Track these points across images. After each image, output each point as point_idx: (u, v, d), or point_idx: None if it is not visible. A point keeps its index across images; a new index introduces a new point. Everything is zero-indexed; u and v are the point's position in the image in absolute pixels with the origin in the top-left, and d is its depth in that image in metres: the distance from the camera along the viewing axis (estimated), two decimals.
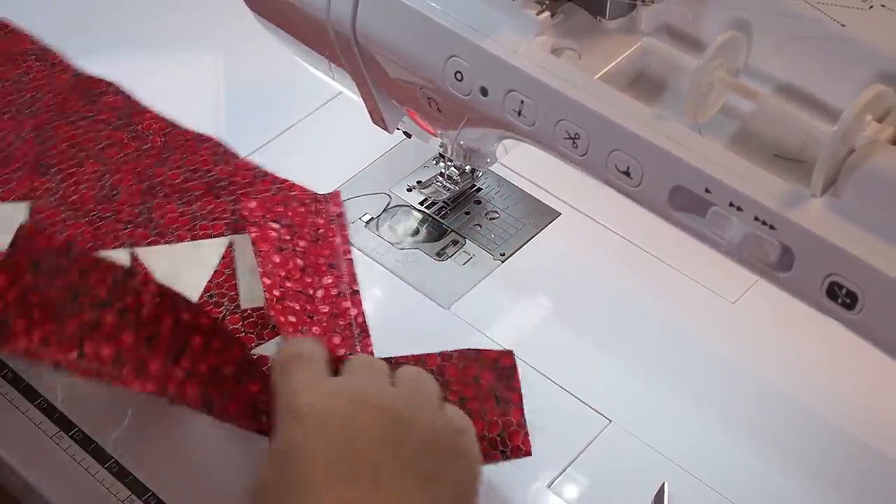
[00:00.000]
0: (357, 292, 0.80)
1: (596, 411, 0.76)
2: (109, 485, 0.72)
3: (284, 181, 0.86)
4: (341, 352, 0.75)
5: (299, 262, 0.80)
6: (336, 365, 0.68)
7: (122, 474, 0.72)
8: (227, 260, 0.81)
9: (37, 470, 0.73)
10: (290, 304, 0.77)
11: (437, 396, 0.67)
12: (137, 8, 1.03)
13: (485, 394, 0.71)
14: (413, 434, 0.63)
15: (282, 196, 0.84)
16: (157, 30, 1.01)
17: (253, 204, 0.82)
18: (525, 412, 0.71)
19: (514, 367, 0.72)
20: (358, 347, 0.77)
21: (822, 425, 0.75)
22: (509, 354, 0.72)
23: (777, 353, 0.79)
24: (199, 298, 0.79)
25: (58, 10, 1.02)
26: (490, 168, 0.87)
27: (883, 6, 0.63)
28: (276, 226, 0.81)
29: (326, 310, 0.78)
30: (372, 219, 0.87)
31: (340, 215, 0.85)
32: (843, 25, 0.63)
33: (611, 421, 0.76)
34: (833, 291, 0.60)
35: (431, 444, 0.63)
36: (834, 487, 0.73)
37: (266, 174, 0.86)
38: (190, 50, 0.99)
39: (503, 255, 0.85)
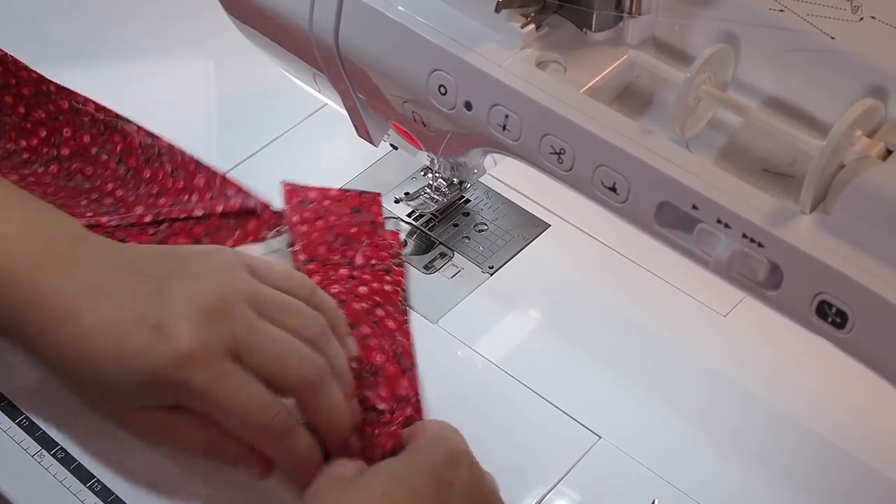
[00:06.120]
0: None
1: (585, 427, 0.75)
2: None
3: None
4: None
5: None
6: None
7: (104, 493, 0.72)
8: None
9: (18, 489, 0.72)
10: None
11: None
12: (123, 19, 1.02)
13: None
14: None
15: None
16: (143, 41, 1.00)
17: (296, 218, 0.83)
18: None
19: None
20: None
21: (814, 440, 0.75)
22: None
23: (769, 366, 0.78)
24: None
25: (44, 18, 1.01)
26: (478, 179, 0.86)
27: (873, 18, 0.62)
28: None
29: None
30: None
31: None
32: (833, 38, 0.62)
33: (600, 437, 0.75)
34: (823, 310, 0.59)
35: None
36: (824, 502, 0.72)
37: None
38: (177, 61, 0.99)
39: (492, 267, 0.84)
